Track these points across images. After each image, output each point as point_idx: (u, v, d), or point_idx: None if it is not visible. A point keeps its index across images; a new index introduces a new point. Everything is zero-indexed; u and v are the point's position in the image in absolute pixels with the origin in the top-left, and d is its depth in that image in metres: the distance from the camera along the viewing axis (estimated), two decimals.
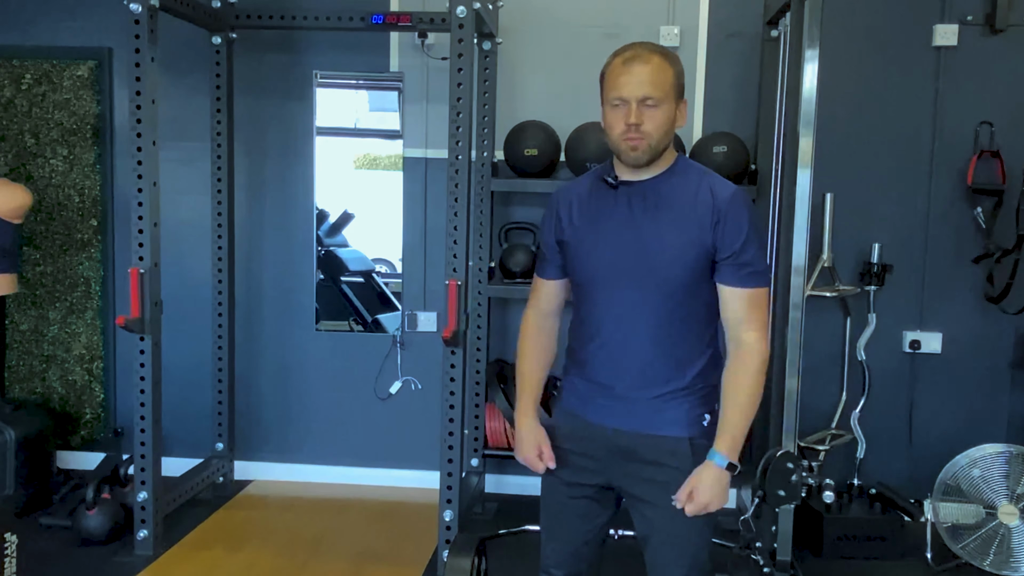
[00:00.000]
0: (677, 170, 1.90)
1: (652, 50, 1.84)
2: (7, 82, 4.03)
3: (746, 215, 1.84)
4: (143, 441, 3.23)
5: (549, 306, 2.12)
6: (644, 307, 1.88)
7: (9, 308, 4.03)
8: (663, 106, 1.81)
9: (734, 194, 1.86)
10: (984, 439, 3.36)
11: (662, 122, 1.82)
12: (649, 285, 1.87)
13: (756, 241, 1.86)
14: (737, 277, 1.85)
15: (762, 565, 3.18)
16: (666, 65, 1.82)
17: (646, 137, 1.82)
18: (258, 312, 4.07)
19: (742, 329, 1.86)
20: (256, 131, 4.00)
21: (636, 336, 1.90)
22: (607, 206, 1.92)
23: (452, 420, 3.04)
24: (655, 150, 1.84)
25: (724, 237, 1.83)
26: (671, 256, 1.85)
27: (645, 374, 1.90)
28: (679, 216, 1.85)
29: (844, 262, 3.66)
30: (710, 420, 1.91)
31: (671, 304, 1.87)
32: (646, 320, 1.88)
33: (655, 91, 1.80)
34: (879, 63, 3.67)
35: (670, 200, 1.87)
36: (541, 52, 3.84)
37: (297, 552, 3.36)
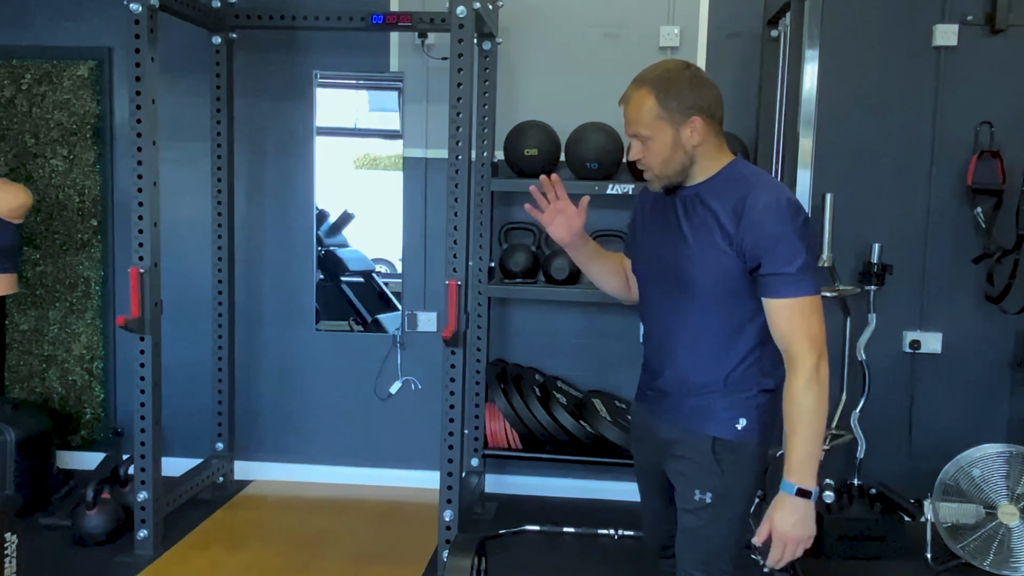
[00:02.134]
0: (722, 177, 1.89)
1: (639, 83, 1.87)
2: (7, 82, 4.03)
3: (775, 222, 1.78)
4: (143, 441, 3.23)
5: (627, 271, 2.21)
6: (677, 312, 1.93)
7: (9, 308, 4.03)
8: (655, 137, 1.85)
9: (767, 203, 1.80)
10: (984, 439, 3.37)
11: (657, 152, 1.87)
12: (679, 291, 1.91)
13: (790, 248, 1.78)
14: (770, 288, 1.81)
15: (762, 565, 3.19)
16: (648, 96, 1.84)
17: (648, 169, 1.91)
18: (258, 312, 4.08)
19: (787, 342, 1.82)
20: (256, 131, 4.00)
21: (671, 338, 1.96)
22: (660, 210, 1.99)
23: (452, 420, 3.04)
24: (664, 178, 1.91)
25: (752, 247, 1.80)
26: (697, 265, 1.87)
27: (683, 372, 1.95)
28: (709, 225, 1.85)
29: (844, 262, 3.66)
30: (746, 426, 1.91)
31: (701, 311, 1.89)
32: (681, 322, 1.93)
33: (640, 128, 1.87)
34: (879, 63, 3.67)
35: (705, 208, 1.87)
36: (541, 52, 3.84)
37: (297, 552, 3.36)
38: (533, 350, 3.96)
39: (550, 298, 3.74)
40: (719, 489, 1.92)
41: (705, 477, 1.92)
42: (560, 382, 3.89)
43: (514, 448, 3.75)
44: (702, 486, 1.93)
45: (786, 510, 1.82)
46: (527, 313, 3.95)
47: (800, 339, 1.80)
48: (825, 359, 1.81)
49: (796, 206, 1.83)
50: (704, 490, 1.93)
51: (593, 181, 3.58)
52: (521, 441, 3.73)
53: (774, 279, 1.80)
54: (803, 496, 1.80)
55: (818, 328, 1.81)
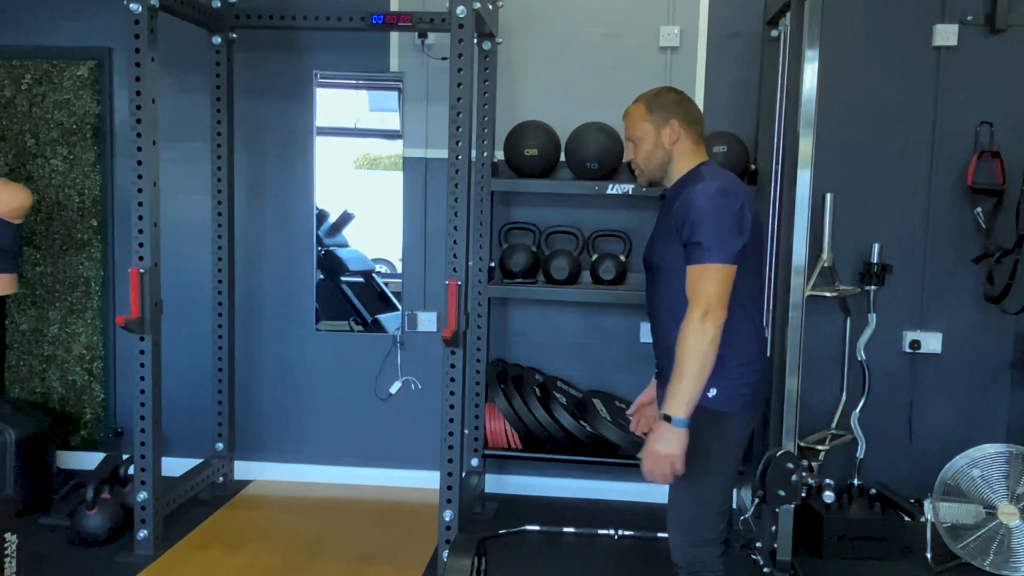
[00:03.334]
0: (686, 177, 2.23)
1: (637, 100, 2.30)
2: (7, 82, 4.03)
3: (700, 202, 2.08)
4: (143, 441, 3.23)
5: None
6: (656, 296, 2.26)
7: (9, 308, 4.03)
8: (643, 140, 2.26)
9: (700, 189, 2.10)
10: (984, 439, 3.37)
11: (643, 151, 2.27)
12: (655, 278, 2.26)
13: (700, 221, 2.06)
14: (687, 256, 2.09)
15: (762, 565, 3.19)
16: (640, 107, 2.27)
17: (638, 167, 2.30)
18: (258, 312, 4.08)
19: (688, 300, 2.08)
20: (256, 131, 4.00)
21: (658, 317, 2.27)
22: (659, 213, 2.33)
23: (452, 420, 3.04)
24: (649, 174, 2.29)
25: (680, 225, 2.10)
26: (659, 252, 2.23)
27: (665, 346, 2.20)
28: (667, 219, 2.18)
29: (844, 262, 3.66)
30: (716, 394, 2.12)
31: (670, 292, 2.17)
32: (661, 304, 2.24)
33: (632, 131, 2.29)
34: (879, 63, 3.67)
35: (669, 205, 2.21)
36: (541, 52, 3.84)
37: (297, 552, 3.36)
38: (533, 350, 3.96)
39: (550, 298, 3.74)
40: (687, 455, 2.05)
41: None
42: (560, 382, 3.89)
43: (514, 448, 3.75)
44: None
45: (655, 430, 2.08)
46: (527, 313, 3.95)
47: (693, 296, 2.07)
48: (713, 316, 2.03)
49: (724, 191, 2.10)
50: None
51: (593, 181, 3.58)
52: (521, 441, 3.73)
53: (687, 248, 2.09)
54: (665, 420, 2.04)
55: (710, 291, 2.04)
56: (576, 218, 3.83)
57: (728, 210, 2.08)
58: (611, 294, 3.61)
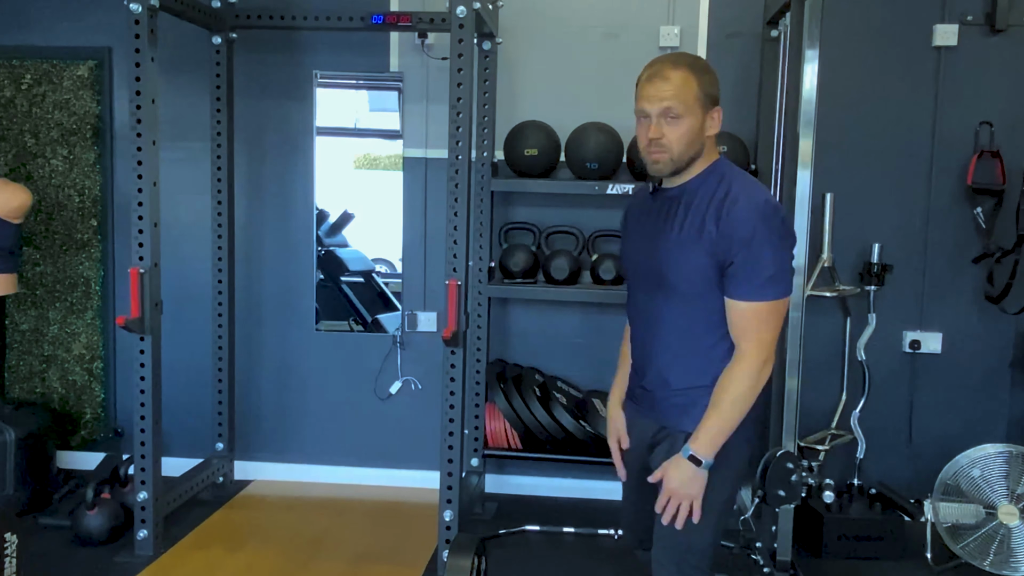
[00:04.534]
0: (704, 177, 1.92)
1: (677, 64, 1.86)
2: (7, 82, 4.03)
3: (753, 225, 1.81)
4: (143, 441, 3.23)
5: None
6: (661, 312, 1.97)
7: (9, 308, 4.03)
8: (686, 118, 1.84)
9: (744, 203, 1.83)
10: (984, 439, 3.37)
11: (683, 134, 1.85)
12: (663, 292, 1.95)
13: (759, 253, 1.81)
14: (739, 289, 1.85)
15: (762, 565, 3.19)
16: (690, 77, 1.85)
17: (667, 150, 1.86)
18: (258, 312, 4.08)
19: (739, 338, 1.89)
20: (256, 131, 4.00)
21: (656, 338, 2.00)
22: (646, 211, 2.02)
23: (452, 420, 3.04)
24: (677, 162, 1.88)
25: (731, 248, 1.83)
26: (678, 263, 1.90)
27: (668, 372, 1.99)
28: (691, 225, 1.88)
29: (844, 262, 3.66)
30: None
31: (685, 310, 1.93)
32: (666, 323, 1.97)
33: (676, 104, 1.84)
34: (879, 63, 3.67)
35: (689, 208, 1.90)
36: (541, 52, 3.84)
37: (297, 552, 3.36)
38: (533, 350, 3.96)
39: (550, 298, 3.74)
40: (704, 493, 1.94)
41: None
42: (560, 382, 3.89)
43: (514, 448, 3.75)
44: None
45: (678, 469, 1.93)
46: (527, 313, 3.95)
47: (751, 340, 1.87)
48: (770, 364, 1.89)
49: (774, 207, 1.87)
50: None
51: (593, 181, 3.58)
52: (521, 441, 3.73)
53: (740, 280, 1.84)
54: (694, 462, 1.90)
55: (771, 334, 1.87)
56: (576, 218, 3.83)
57: (783, 230, 1.86)
58: (611, 294, 3.61)
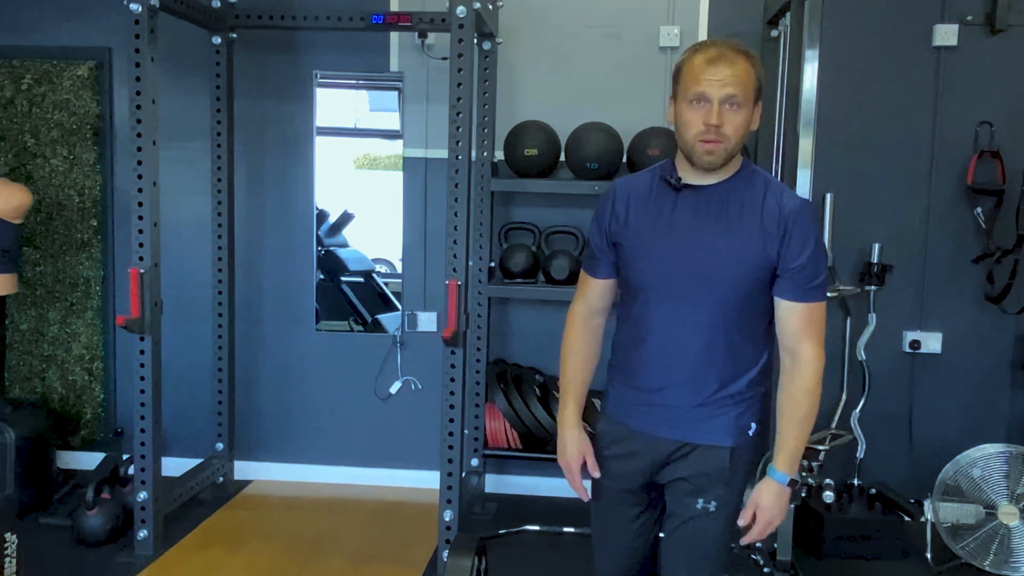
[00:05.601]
0: (743, 176, 1.85)
1: (737, 51, 1.79)
2: (7, 82, 4.03)
3: (813, 229, 1.82)
4: (143, 441, 3.23)
5: (598, 304, 2.08)
6: (698, 316, 1.84)
7: (9, 308, 4.03)
8: (744, 109, 1.77)
9: (803, 206, 1.82)
10: (984, 439, 3.37)
11: (740, 124, 1.77)
12: (705, 295, 1.83)
13: (820, 255, 1.82)
14: (799, 292, 1.81)
15: (762, 565, 3.19)
16: (750, 67, 1.78)
17: (724, 140, 1.76)
18: (258, 312, 4.07)
19: (799, 341, 1.83)
20: (256, 131, 4.00)
21: (689, 344, 1.86)
22: (667, 209, 1.86)
23: (452, 420, 3.04)
24: (731, 154, 1.80)
25: (790, 250, 1.78)
26: (731, 268, 1.80)
27: (695, 382, 1.87)
28: (743, 226, 1.80)
29: (844, 262, 3.66)
30: (756, 430, 1.90)
31: (726, 314, 1.83)
32: (699, 329, 1.84)
33: (740, 91, 1.75)
34: (879, 63, 3.67)
35: (735, 208, 1.82)
36: (541, 52, 3.84)
37: (297, 552, 3.36)
38: (533, 350, 3.96)
39: (550, 298, 3.74)
40: (724, 497, 1.90)
41: (714, 487, 1.88)
42: None
43: (514, 448, 3.75)
44: (707, 496, 1.89)
45: (778, 497, 1.87)
46: (527, 313, 3.95)
47: (815, 340, 1.84)
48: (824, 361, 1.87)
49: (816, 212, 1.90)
50: (709, 499, 1.89)
51: (593, 181, 3.58)
52: (521, 441, 3.73)
53: (804, 283, 1.80)
54: (791, 486, 1.88)
55: (824, 332, 1.86)
56: (576, 218, 3.83)
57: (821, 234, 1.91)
58: None
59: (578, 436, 2.01)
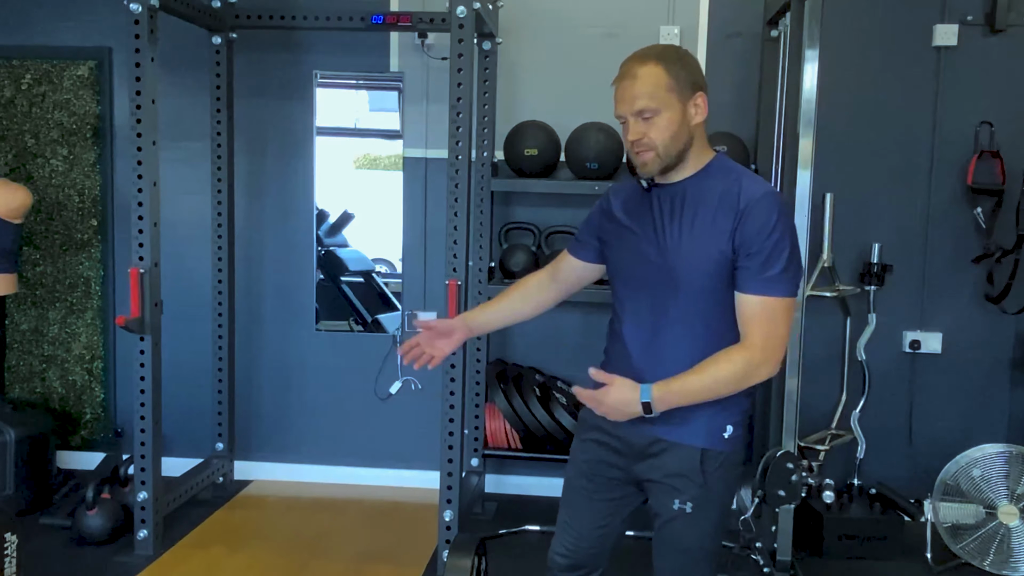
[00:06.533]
0: (711, 171, 1.85)
1: (644, 60, 1.82)
2: (7, 82, 4.03)
3: (772, 217, 1.75)
4: (143, 441, 3.23)
5: (561, 277, 2.10)
6: (669, 314, 1.85)
7: (9, 308, 4.03)
8: (664, 113, 1.78)
9: (763, 195, 1.77)
10: (984, 439, 3.37)
11: (665, 128, 1.79)
12: (671, 291, 1.83)
13: (777, 245, 1.75)
14: (752, 282, 1.77)
15: (762, 565, 3.19)
16: (659, 70, 1.79)
17: (652, 148, 1.80)
18: (258, 312, 4.07)
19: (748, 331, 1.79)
20: (256, 131, 4.00)
21: (657, 339, 1.87)
22: (642, 208, 1.91)
23: (452, 420, 3.04)
24: (665, 158, 1.81)
25: (743, 238, 1.76)
26: (693, 262, 1.81)
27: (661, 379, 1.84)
28: (704, 220, 1.80)
29: (844, 262, 3.66)
30: (732, 433, 1.89)
31: (695, 310, 1.83)
32: (668, 324, 1.85)
33: (649, 102, 1.78)
34: (879, 63, 3.67)
35: (698, 203, 1.82)
36: (541, 52, 3.84)
37: (297, 552, 3.36)
38: (533, 350, 3.95)
39: None
40: (700, 498, 1.88)
41: (688, 487, 1.88)
42: (560, 382, 3.89)
43: (514, 448, 3.75)
44: (683, 496, 1.89)
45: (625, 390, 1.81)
46: None
47: (760, 335, 1.78)
48: (770, 366, 1.79)
49: (784, 202, 1.83)
50: (685, 500, 1.89)
51: (593, 181, 3.58)
52: (521, 441, 3.73)
53: (755, 275, 1.77)
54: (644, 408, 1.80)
55: (780, 332, 1.78)
56: (576, 218, 3.82)
57: (792, 228, 1.79)
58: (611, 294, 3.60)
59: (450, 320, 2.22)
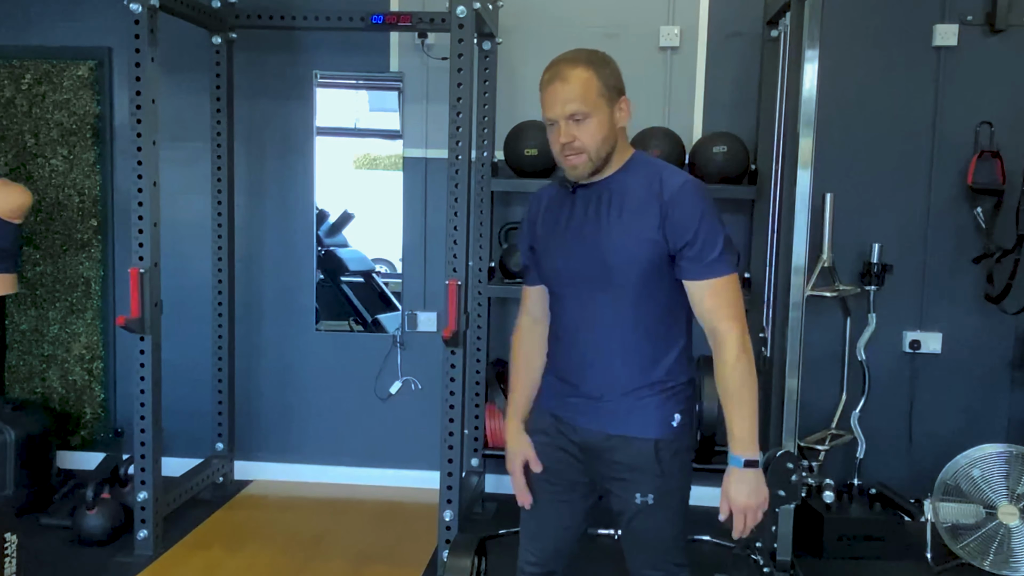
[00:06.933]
0: (631, 167, 1.90)
1: (573, 62, 1.84)
2: (7, 82, 4.03)
3: (695, 203, 1.81)
4: (143, 441, 3.23)
5: (537, 312, 2.11)
6: (606, 308, 1.88)
7: (9, 308, 4.03)
8: (594, 116, 1.82)
9: (683, 184, 1.83)
10: (984, 439, 3.37)
11: (595, 131, 1.83)
12: (608, 286, 1.87)
13: (710, 229, 1.81)
14: (698, 268, 1.82)
15: (762, 565, 3.19)
16: (589, 74, 1.82)
17: (584, 150, 1.84)
18: (258, 312, 4.07)
19: (714, 321, 1.83)
20: (256, 131, 4.00)
21: (599, 337, 1.90)
22: (566, 209, 1.94)
23: (452, 420, 3.04)
24: (596, 161, 1.85)
25: (675, 228, 1.80)
26: (625, 256, 1.84)
27: (610, 374, 1.90)
28: (631, 214, 1.85)
29: (844, 262, 3.66)
30: (681, 420, 1.91)
31: (632, 303, 1.86)
32: (608, 321, 1.88)
33: (581, 105, 1.81)
34: (879, 63, 3.67)
35: (624, 197, 1.87)
36: (541, 52, 3.78)
37: (297, 552, 3.36)
38: None
39: None
40: (661, 488, 1.91)
41: (647, 479, 1.90)
42: None
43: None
44: (643, 489, 1.91)
45: (740, 483, 1.83)
46: None
47: (725, 316, 1.82)
48: (746, 335, 1.84)
49: (705, 188, 1.88)
50: (646, 492, 1.91)
51: None
52: None
53: (699, 261, 1.81)
54: (751, 466, 1.83)
55: (739, 305, 1.84)
56: None
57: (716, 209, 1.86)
58: None
59: (518, 442, 2.08)
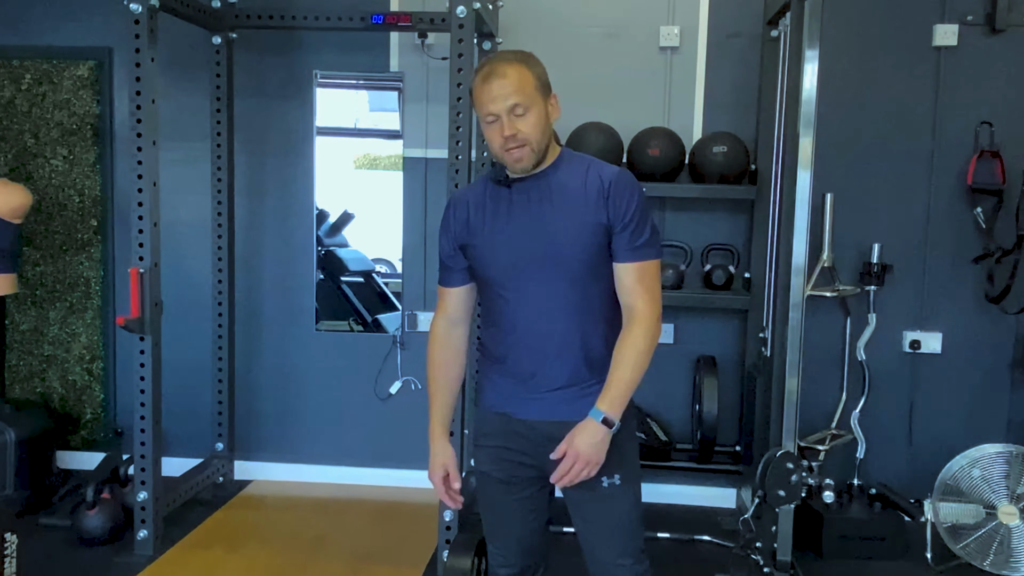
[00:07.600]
0: (564, 160, 1.99)
1: (509, 61, 1.92)
2: (7, 82, 4.03)
3: (632, 190, 1.92)
4: (143, 441, 3.23)
5: (457, 314, 2.12)
6: (550, 296, 1.94)
7: (9, 308, 4.03)
8: (534, 108, 1.90)
9: (620, 172, 1.95)
10: (984, 439, 3.37)
11: (535, 123, 1.90)
12: (556, 272, 1.93)
13: (643, 215, 1.92)
14: (628, 251, 1.91)
15: (762, 565, 3.19)
16: (525, 70, 1.91)
17: (527, 143, 1.90)
18: (258, 312, 4.07)
19: (633, 298, 1.92)
20: (256, 131, 4.00)
21: (546, 325, 1.95)
22: (504, 204, 1.98)
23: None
24: (538, 152, 1.92)
25: (616, 211, 1.90)
26: (571, 239, 1.91)
27: (560, 361, 1.95)
28: (573, 201, 1.93)
29: (844, 262, 3.66)
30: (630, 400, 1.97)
31: (579, 289, 1.93)
32: (554, 308, 1.94)
33: (522, 98, 1.88)
34: (879, 63, 3.67)
35: (563, 188, 1.94)
36: (541, 52, 3.78)
37: (297, 552, 3.36)
38: None
39: None
40: (624, 466, 1.98)
41: (611, 461, 1.93)
42: None
43: None
44: (609, 471, 1.95)
45: (590, 434, 1.87)
46: None
47: (645, 297, 1.92)
48: (659, 321, 1.93)
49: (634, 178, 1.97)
50: (612, 474, 1.97)
51: None
52: None
53: (632, 242, 1.91)
54: (606, 425, 1.87)
55: (656, 290, 1.95)
56: None
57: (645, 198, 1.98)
58: None
59: (442, 449, 2.09)
